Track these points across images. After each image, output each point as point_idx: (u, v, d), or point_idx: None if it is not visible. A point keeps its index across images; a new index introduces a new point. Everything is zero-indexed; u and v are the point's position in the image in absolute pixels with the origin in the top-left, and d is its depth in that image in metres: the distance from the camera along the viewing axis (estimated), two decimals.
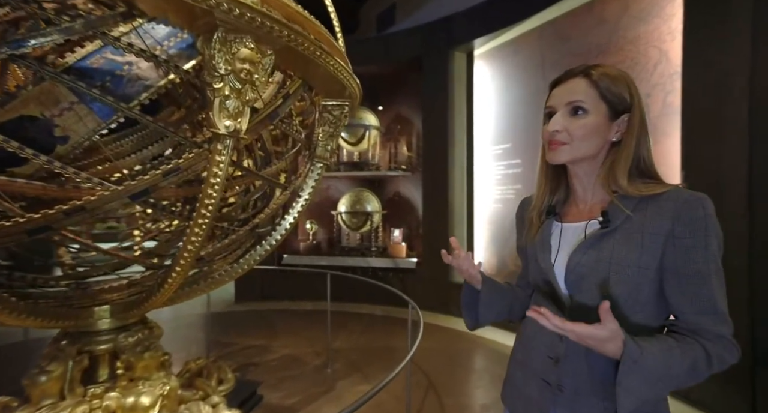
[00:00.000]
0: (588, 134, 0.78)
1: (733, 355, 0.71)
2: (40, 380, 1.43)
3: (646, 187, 0.76)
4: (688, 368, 0.68)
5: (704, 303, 0.71)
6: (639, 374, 0.66)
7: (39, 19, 1.00)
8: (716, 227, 0.72)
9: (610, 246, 0.75)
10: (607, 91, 0.78)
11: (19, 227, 0.96)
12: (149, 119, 1.07)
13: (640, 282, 0.73)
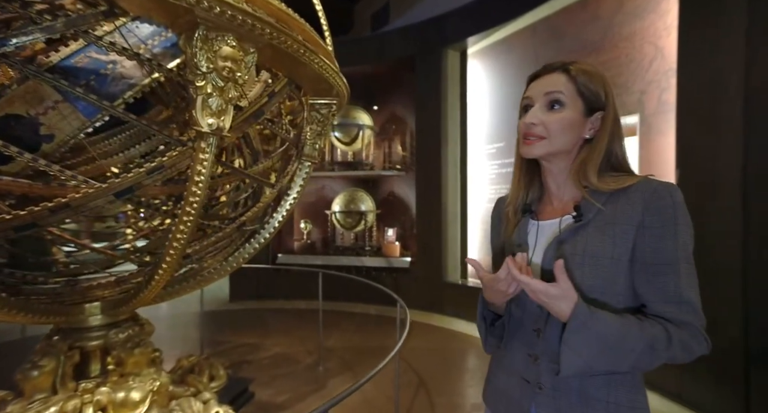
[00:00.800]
0: (564, 129, 0.79)
1: (701, 345, 0.71)
2: (32, 375, 1.44)
3: (615, 181, 0.77)
4: (646, 345, 0.69)
5: (670, 293, 0.72)
6: (586, 336, 0.67)
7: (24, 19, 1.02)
8: (685, 217, 0.73)
9: (584, 240, 0.76)
10: (584, 87, 0.79)
11: (6, 224, 0.98)
12: (132, 117, 1.08)
13: (615, 273, 0.74)
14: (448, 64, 4.80)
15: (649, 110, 3.18)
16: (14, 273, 1.48)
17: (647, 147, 3.18)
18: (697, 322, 0.72)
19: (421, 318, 4.51)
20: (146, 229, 2.28)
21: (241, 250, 1.87)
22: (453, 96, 4.87)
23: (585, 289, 0.74)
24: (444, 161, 4.84)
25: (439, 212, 4.85)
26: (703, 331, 0.72)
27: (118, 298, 1.68)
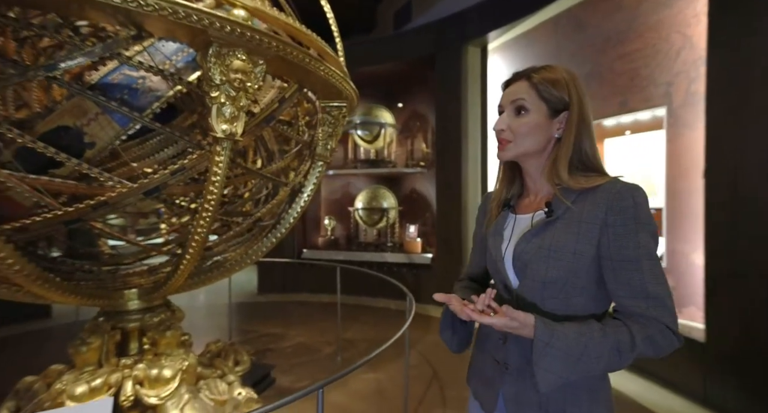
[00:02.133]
0: (530, 131, 0.84)
1: (670, 341, 0.74)
2: (82, 350, 1.66)
3: (586, 180, 0.81)
4: (611, 349, 0.72)
5: (636, 288, 0.75)
6: (552, 355, 0.72)
7: (70, 44, 1.19)
8: (646, 216, 0.76)
9: (551, 235, 0.81)
10: (546, 91, 0.83)
11: (58, 219, 1.16)
12: (157, 125, 1.24)
13: (577, 268, 0.78)
14: (468, 61, 4.80)
15: (676, 102, 3.08)
16: (66, 262, 1.70)
17: (675, 141, 3.08)
18: (666, 318, 0.74)
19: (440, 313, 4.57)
20: (177, 224, 2.50)
21: (260, 244, 2.03)
22: (473, 92, 4.87)
23: (549, 280, 0.80)
24: (464, 158, 4.85)
25: (459, 209, 4.88)
26: (673, 326, 0.75)
27: (152, 285, 1.88)
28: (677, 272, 3.06)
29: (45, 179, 1.17)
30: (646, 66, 3.25)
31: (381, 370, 2.95)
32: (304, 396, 1.15)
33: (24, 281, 1.24)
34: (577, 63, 3.84)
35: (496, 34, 4.56)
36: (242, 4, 1.17)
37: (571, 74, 0.87)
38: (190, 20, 1.05)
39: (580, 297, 0.80)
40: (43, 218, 1.17)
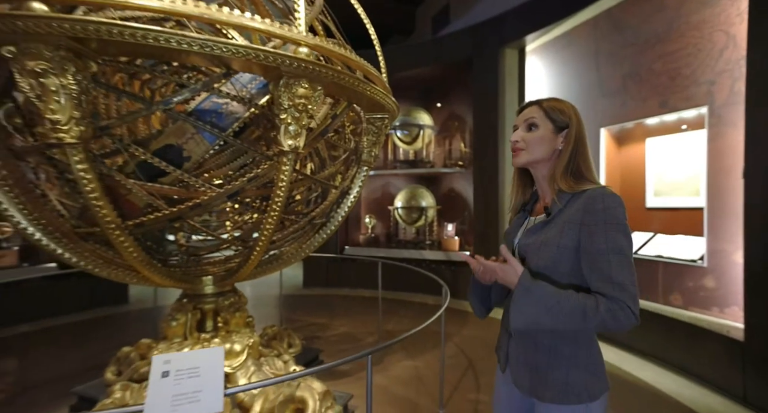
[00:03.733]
0: (539, 142, 1.04)
1: (628, 317, 0.88)
2: (172, 324, 2.02)
3: (577, 184, 0.99)
4: (579, 310, 0.88)
5: (604, 275, 0.91)
6: (528, 299, 0.91)
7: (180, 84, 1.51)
8: (615, 218, 0.92)
9: (546, 232, 1.00)
10: (552, 112, 1.05)
11: (166, 217, 1.48)
12: (238, 142, 1.53)
13: (560, 258, 0.96)
14: (506, 63, 4.88)
15: (719, 101, 3.04)
16: (159, 250, 2.06)
17: (717, 140, 3.04)
18: (627, 300, 0.88)
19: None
20: (240, 222, 2.85)
21: (312, 239, 2.31)
22: (511, 93, 4.93)
23: (539, 268, 0.99)
24: (501, 158, 4.94)
25: (496, 208, 4.97)
26: (633, 307, 0.88)
27: (224, 274, 2.21)
28: (718, 271, 3.02)
29: (156, 185, 1.50)
30: (687, 66, 3.21)
31: (419, 359, 3.17)
32: (355, 360, 1.39)
33: (138, 265, 1.59)
34: (615, 63, 3.83)
35: (535, 36, 4.60)
36: (305, 42, 1.43)
37: (573, 106, 1.08)
38: (268, 60, 1.33)
39: (563, 281, 0.97)
40: (155, 216, 1.50)
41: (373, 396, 2.51)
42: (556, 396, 0.97)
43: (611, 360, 3.22)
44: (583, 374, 0.97)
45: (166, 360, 1.04)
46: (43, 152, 1.46)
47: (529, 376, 1.01)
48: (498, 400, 1.19)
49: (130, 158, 1.48)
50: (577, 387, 0.96)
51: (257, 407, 1.94)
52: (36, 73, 1.13)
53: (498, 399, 1.19)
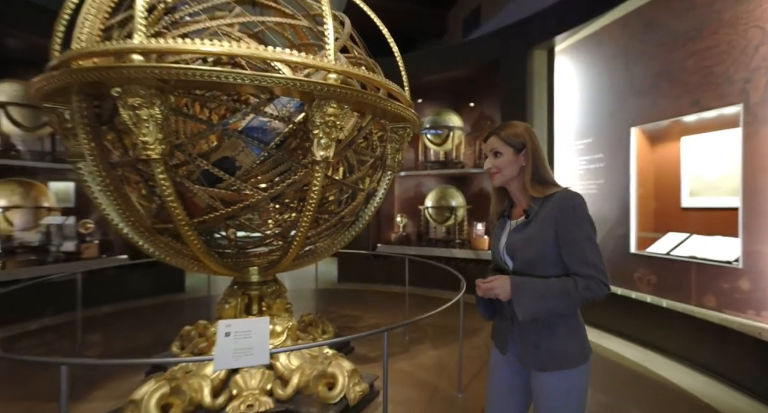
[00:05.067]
0: (506, 165, 1.27)
1: (600, 287, 1.12)
2: (225, 307, 2.40)
3: (544, 189, 1.23)
4: (564, 291, 1.12)
5: (579, 258, 1.15)
6: (523, 294, 1.14)
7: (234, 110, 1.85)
8: (582, 212, 1.17)
9: (528, 230, 1.22)
10: (508, 138, 1.27)
11: (222, 216, 1.83)
12: (279, 153, 1.85)
13: (544, 250, 1.18)
14: (534, 64, 4.94)
15: (754, 99, 3.00)
16: (213, 244, 2.44)
17: (754, 139, 3.01)
18: (598, 275, 1.13)
19: None
20: (281, 220, 3.21)
21: (342, 236, 2.61)
22: (539, 94, 4.99)
23: (527, 260, 1.21)
24: None
25: None
26: (603, 279, 1.13)
27: (267, 265, 2.56)
28: (755, 273, 2.98)
29: (215, 190, 1.85)
30: (720, 63, 3.18)
31: (443, 349, 3.39)
32: (374, 335, 1.66)
33: (201, 255, 1.95)
34: (646, 62, 3.82)
35: (564, 36, 4.63)
36: (334, 70, 1.71)
37: (526, 126, 1.31)
38: (303, 88, 1.62)
39: (550, 269, 1.19)
40: (214, 215, 1.86)
41: (398, 379, 2.77)
42: (559, 365, 1.19)
43: (638, 359, 3.26)
44: (574, 344, 1.21)
45: (227, 324, 1.36)
46: (134, 164, 1.85)
47: (533, 353, 1.22)
48: (495, 380, 1.37)
49: (196, 168, 1.83)
50: (572, 355, 1.20)
51: (295, 379, 2.27)
52: (133, 106, 1.50)
53: (495, 379, 1.37)
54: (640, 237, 4.05)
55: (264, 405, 2.10)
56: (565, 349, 1.19)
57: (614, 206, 4.25)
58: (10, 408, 2.44)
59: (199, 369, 2.24)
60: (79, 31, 1.70)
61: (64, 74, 1.54)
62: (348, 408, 2.20)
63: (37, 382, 2.73)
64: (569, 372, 1.18)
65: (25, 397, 2.55)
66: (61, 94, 1.72)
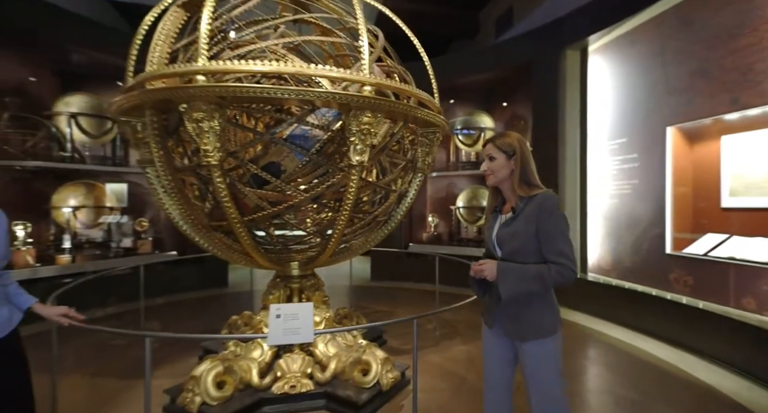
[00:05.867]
0: (498, 168, 1.49)
1: (569, 273, 1.35)
2: (269, 297, 2.64)
3: (530, 190, 1.45)
4: (539, 275, 1.35)
5: (554, 248, 1.37)
6: (506, 276, 1.38)
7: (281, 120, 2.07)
8: (557, 211, 1.39)
9: (515, 225, 1.44)
10: (502, 146, 1.49)
11: (269, 215, 2.05)
12: (320, 159, 2.04)
13: (527, 241, 1.41)
14: (567, 65, 4.91)
15: None
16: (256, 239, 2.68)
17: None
18: (568, 263, 1.36)
19: None
20: (318, 219, 3.43)
21: (376, 234, 2.78)
22: (572, 95, 4.95)
23: (513, 249, 1.43)
24: (561, 159, 4.98)
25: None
26: (573, 267, 1.35)
27: (306, 260, 2.78)
28: None
29: (263, 192, 2.08)
30: (762, 60, 3.09)
31: (471, 344, 3.49)
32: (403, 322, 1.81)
33: (250, 250, 2.19)
34: (682, 61, 3.74)
35: (597, 36, 4.58)
36: (369, 82, 1.88)
37: (518, 137, 1.51)
38: (342, 100, 1.81)
39: (531, 257, 1.42)
40: (262, 214, 2.08)
41: (428, 370, 2.91)
42: (536, 334, 1.43)
43: (672, 360, 3.22)
44: (548, 317, 1.45)
45: (278, 308, 1.57)
46: (195, 169, 2.11)
47: (515, 325, 1.46)
48: (488, 351, 1.61)
49: (246, 172, 2.07)
50: (548, 324, 1.44)
51: (332, 365, 2.46)
52: (197, 119, 1.74)
53: (488, 351, 1.61)
54: (676, 238, 3.96)
55: (305, 387, 2.31)
56: (541, 321, 1.43)
57: (649, 207, 4.17)
58: (99, 377, 2.80)
59: (247, 353, 2.49)
60: (151, 56, 1.97)
61: (140, 94, 1.81)
62: (381, 392, 2.37)
63: (115, 357, 3.12)
64: (545, 340, 1.42)
65: (106, 371, 2.92)
66: (136, 109, 2.00)
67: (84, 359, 3.21)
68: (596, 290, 4.57)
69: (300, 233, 2.68)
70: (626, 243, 4.47)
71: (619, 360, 3.33)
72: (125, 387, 2.71)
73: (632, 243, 4.39)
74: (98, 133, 4.99)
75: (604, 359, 3.42)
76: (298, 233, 2.73)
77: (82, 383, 2.78)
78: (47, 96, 4.96)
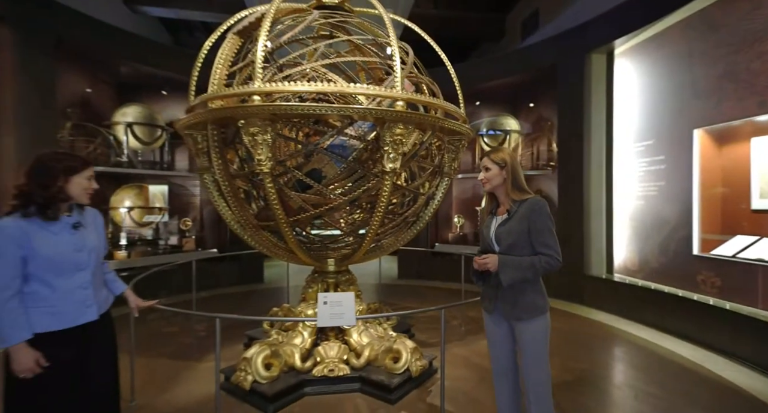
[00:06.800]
0: (492, 177, 1.77)
1: (555, 262, 1.64)
2: (309, 290, 2.91)
3: (521, 195, 1.74)
4: (531, 264, 1.64)
5: (541, 242, 1.66)
6: (506, 266, 1.65)
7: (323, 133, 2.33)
8: (546, 212, 1.67)
9: (510, 224, 1.71)
10: (495, 159, 1.77)
11: (311, 216, 2.31)
12: (356, 166, 2.29)
13: (522, 238, 1.68)
14: (592, 68, 4.96)
15: None
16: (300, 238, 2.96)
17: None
18: (554, 254, 1.65)
19: (560, 306, 4.92)
20: (351, 220, 3.68)
21: (405, 234, 3.00)
22: (597, 98, 4.99)
23: (509, 244, 1.70)
24: (586, 161, 5.03)
25: (581, 210, 5.08)
26: (558, 256, 1.65)
27: (341, 257, 3.03)
28: None
29: (306, 195, 2.35)
30: None
31: None
32: (430, 312, 2.02)
33: (294, 247, 2.46)
34: (709, 64, 3.75)
35: (623, 39, 4.61)
36: (401, 98, 2.11)
37: (510, 152, 1.81)
38: (377, 114, 2.04)
39: (525, 250, 1.69)
40: (305, 215, 2.35)
41: (454, 362, 3.11)
42: (528, 315, 1.69)
43: (697, 359, 3.26)
44: (539, 300, 1.72)
45: (324, 296, 1.83)
46: (248, 176, 2.41)
47: (513, 308, 1.72)
48: (491, 333, 1.86)
49: (292, 178, 2.34)
50: (538, 307, 1.71)
51: (366, 353, 2.70)
52: (252, 133, 2.02)
53: (491, 333, 1.86)
54: (704, 239, 3.96)
55: (342, 371, 2.56)
56: (534, 303, 1.71)
57: (675, 208, 4.18)
58: (155, 359, 3.17)
59: (289, 340, 2.77)
60: (213, 78, 2.28)
61: (206, 112, 2.12)
62: (411, 378, 2.59)
63: (167, 343, 3.50)
64: (536, 319, 1.70)
65: (162, 354, 3.30)
66: (199, 124, 2.31)
67: (139, 344, 3.60)
68: (622, 291, 4.61)
69: (334, 233, 2.93)
70: (653, 245, 4.48)
71: (642, 357, 3.40)
72: (183, 367, 3.06)
73: (659, 245, 4.40)
74: (150, 140, 5.47)
75: (626, 356, 3.49)
76: (333, 232, 2.98)
77: (141, 363, 3.15)
78: (106, 107, 5.49)
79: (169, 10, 6.57)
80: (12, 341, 1.36)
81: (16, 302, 1.38)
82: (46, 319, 1.43)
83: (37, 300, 1.43)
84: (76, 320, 1.49)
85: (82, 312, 1.51)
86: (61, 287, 1.45)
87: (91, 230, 1.59)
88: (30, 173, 1.45)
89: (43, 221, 1.44)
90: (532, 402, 1.71)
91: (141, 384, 2.63)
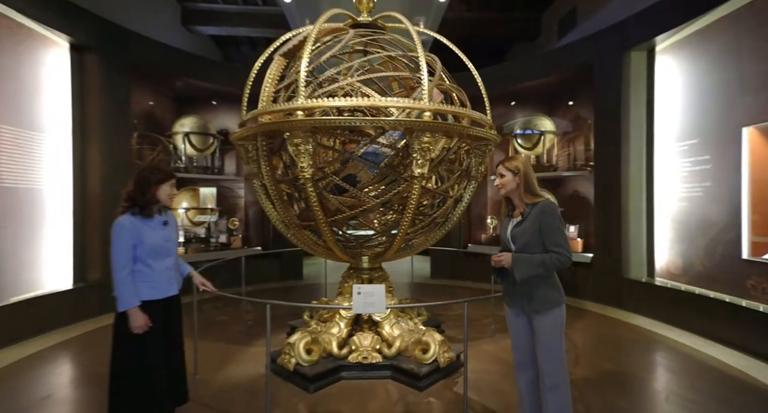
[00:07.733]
0: (507, 183, 1.94)
1: (566, 258, 1.78)
2: (345, 285, 3.17)
3: (533, 198, 1.89)
4: (543, 261, 1.78)
5: (552, 241, 1.80)
6: (520, 264, 1.81)
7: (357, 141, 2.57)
8: (556, 214, 1.83)
9: (524, 225, 1.88)
10: (509, 167, 1.94)
11: (348, 216, 2.56)
12: (387, 171, 2.51)
13: (534, 237, 1.84)
14: (630, 67, 4.86)
15: None
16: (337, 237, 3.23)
17: None
18: (564, 251, 1.79)
19: (598, 309, 4.86)
20: (383, 220, 3.91)
21: (434, 234, 3.18)
22: (636, 96, 4.88)
23: (524, 243, 1.86)
24: (624, 161, 4.93)
25: (619, 211, 4.98)
26: (568, 254, 1.79)
27: (374, 255, 3.26)
28: None
29: (343, 198, 2.60)
30: None
31: None
32: (454, 304, 2.19)
33: (332, 245, 2.72)
34: (760, 59, 3.61)
35: (665, 35, 4.49)
36: (429, 109, 2.30)
37: (522, 159, 1.97)
38: (406, 125, 2.25)
39: (537, 249, 1.84)
40: (342, 216, 2.60)
41: (481, 357, 3.25)
42: (544, 308, 1.84)
43: (739, 365, 3.17)
44: (553, 293, 1.87)
45: (358, 287, 2.07)
46: (293, 181, 2.70)
47: (529, 301, 1.87)
48: (512, 324, 2.02)
49: (330, 182, 2.60)
50: (553, 299, 1.86)
51: (397, 343, 2.91)
52: (296, 143, 2.30)
53: (512, 323, 2.02)
54: (754, 242, 3.79)
55: (375, 359, 2.79)
56: (548, 296, 1.87)
57: (722, 210, 4.02)
58: (210, 343, 3.57)
59: (327, 329, 3.04)
60: (262, 95, 2.59)
61: (257, 126, 2.43)
62: (438, 369, 2.77)
63: (220, 330, 3.91)
64: (552, 311, 1.84)
65: (217, 339, 3.69)
66: (250, 137, 2.64)
67: (198, 329, 4.03)
68: (664, 295, 4.48)
69: (368, 233, 3.16)
70: (697, 248, 4.33)
71: (681, 362, 3.34)
72: (235, 351, 3.43)
73: (704, 248, 4.25)
74: (204, 147, 6.02)
75: (665, 361, 3.44)
76: (366, 232, 3.22)
77: (201, 345, 3.55)
78: (166, 118, 6.10)
79: (219, 28, 7.17)
80: (128, 305, 1.82)
81: (131, 277, 1.85)
82: (148, 291, 1.90)
83: (143, 276, 1.88)
84: (166, 292, 1.97)
85: (170, 286, 1.99)
86: (157, 268, 1.91)
87: (172, 227, 2.03)
88: (135, 182, 1.91)
89: (143, 218, 1.89)
90: (547, 389, 1.84)
91: (202, 362, 3.00)
